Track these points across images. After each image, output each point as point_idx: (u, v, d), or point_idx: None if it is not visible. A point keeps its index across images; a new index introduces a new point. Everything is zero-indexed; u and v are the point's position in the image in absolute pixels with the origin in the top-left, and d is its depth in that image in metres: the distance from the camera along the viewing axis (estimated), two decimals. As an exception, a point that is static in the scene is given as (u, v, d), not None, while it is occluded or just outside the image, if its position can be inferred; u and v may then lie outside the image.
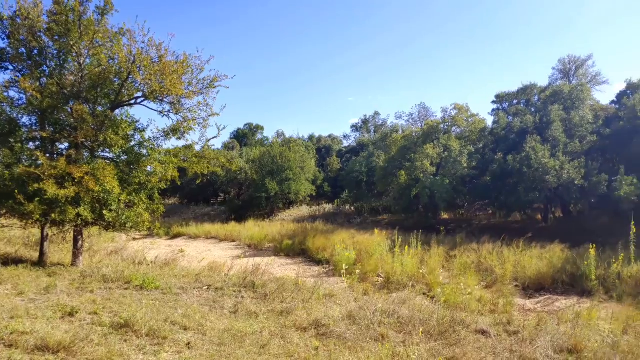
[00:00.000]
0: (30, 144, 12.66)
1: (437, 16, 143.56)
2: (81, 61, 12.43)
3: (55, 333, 6.26)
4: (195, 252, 20.77)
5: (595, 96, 41.34)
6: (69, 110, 12.33)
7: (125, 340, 6.48)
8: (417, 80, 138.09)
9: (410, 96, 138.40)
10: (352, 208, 38.16)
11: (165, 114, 13.37)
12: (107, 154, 13.47)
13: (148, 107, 13.41)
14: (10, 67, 12.57)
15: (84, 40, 12.01)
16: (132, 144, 13.37)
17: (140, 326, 6.85)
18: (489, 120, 33.62)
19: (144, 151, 13.40)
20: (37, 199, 10.92)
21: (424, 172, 28.09)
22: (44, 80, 12.52)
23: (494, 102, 36.88)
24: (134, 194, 12.95)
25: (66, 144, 12.89)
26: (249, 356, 6.23)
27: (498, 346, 7.00)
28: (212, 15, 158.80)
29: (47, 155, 12.18)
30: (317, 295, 9.92)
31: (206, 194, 47.41)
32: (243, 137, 64.98)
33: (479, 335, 7.63)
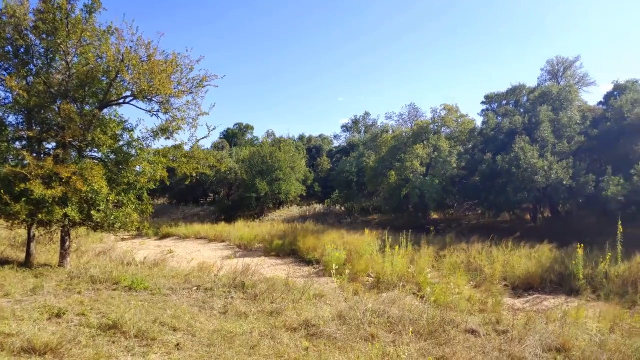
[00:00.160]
0: (17, 143, 12.50)
1: (427, 16, 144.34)
2: (69, 60, 12.29)
3: (42, 335, 6.18)
4: (184, 253, 20.65)
5: (583, 97, 41.87)
6: (57, 109, 12.19)
7: (113, 342, 6.42)
8: (407, 80, 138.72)
9: (401, 97, 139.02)
10: (343, 208, 38.18)
11: (154, 113, 13.26)
12: (96, 154, 13.34)
13: (137, 107, 13.30)
14: (-4, 66, 12.40)
15: (71, 38, 11.88)
16: (121, 143, 13.25)
17: (129, 327, 6.78)
18: (479, 121, 33.91)
19: (133, 151, 13.28)
20: (24, 199, 10.78)
21: (414, 173, 28.20)
22: (30, 79, 12.37)
23: (483, 103, 37.13)
24: (123, 194, 12.83)
25: (53, 144, 12.77)
26: (239, 357, 6.20)
27: (487, 345, 7.03)
28: (201, 15, 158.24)
29: (34, 155, 12.00)
30: (308, 296, 9.90)
31: (195, 194, 47.19)
32: (233, 137, 64.76)
33: (468, 334, 7.66)
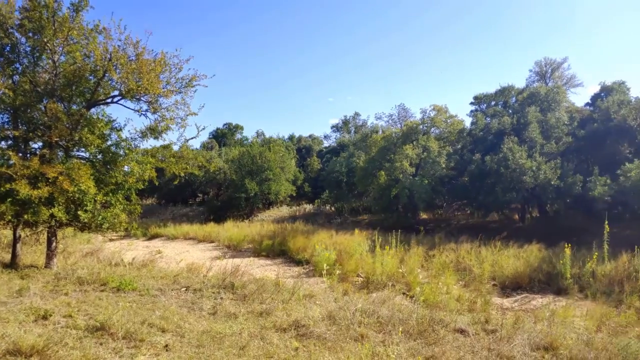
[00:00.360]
0: (2, 143, 12.32)
1: (415, 15, 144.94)
2: (55, 58, 12.15)
3: (27, 337, 6.09)
4: (173, 253, 20.52)
5: (571, 98, 42.47)
6: (43, 108, 12.04)
7: (100, 344, 6.35)
8: (397, 81, 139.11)
9: (390, 97, 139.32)
10: (333, 208, 38.23)
11: (143, 113, 13.15)
12: (83, 154, 13.19)
13: (125, 106, 13.18)
14: (-19, 64, 12.22)
15: (58, 37, 11.74)
16: (109, 143, 13.12)
17: (117, 329, 6.72)
18: (468, 122, 34.12)
19: (121, 151, 13.17)
20: (9, 199, 10.64)
21: (403, 173, 28.31)
22: (16, 77, 12.19)
23: (472, 104, 37.36)
24: (111, 194, 12.71)
25: (40, 143, 12.59)
26: (228, 357, 6.17)
27: (476, 345, 7.07)
28: (190, 14, 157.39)
29: (20, 154, 11.85)
30: (297, 296, 9.88)
31: (184, 195, 46.93)
32: (222, 137, 64.53)
33: (457, 334, 7.69)
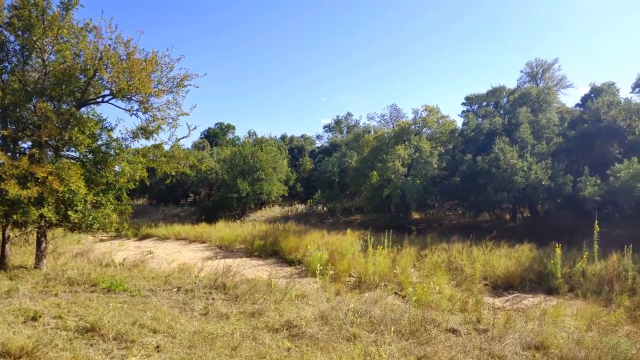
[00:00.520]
0: (-9, 142, 12.20)
1: (409, 17, 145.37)
2: (45, 57, 12.03)
3: (17, 338, 6.03)
4: (164, 254, 20.42)
5: (561, 99, 42.87)
6: (32, 107, 11.92)
7: (91, 345, 6.30)
8: (389, 81, 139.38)
9: (382, 97, 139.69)
10: (325, 208, 38.22)
11: (134, 112, 13.05)
12: (73, 153, 13.08)
13: (116, 106, 13.07)
14: (-31, 63, 12.08)
15: (47, 35, 11.63)
16: (99, 143, 13.03)
17: (107, 330, 6.66)
18: (459, 122, 34.32)
19: (112, 151, 13.07)
20: (-2, 199, 10.52)
21: (395, 173, 28.36)
22: (5, 76, 12.08)
23: (463, 104, 37.58)
24: (101, 194, 12.61)
25: (29, 143, 12.47)
26: (220, 358, 6.14)
27: (468, 344, 7.09)
28: (181, 14, 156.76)
29: (9, 154, 11.71)
30: (289, 296, 9.87)
31: (176, 195, 46.70)
32: (214, 137, 64.28)
33: (449, 333, 7.71)
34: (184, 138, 16.52)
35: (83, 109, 12.91)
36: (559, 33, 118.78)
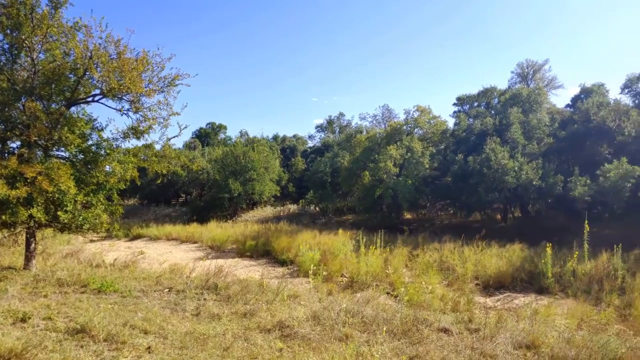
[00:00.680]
0: (-21, 142, 12.05)
1: (399, 17, 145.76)
2: (34, 56, 11.89)
3: (6, 340, 5.96)
4: (155, 254, 20.29)
5: (552, 100, 43.25)
6: (21, 107, 11.77)
7: (81, 346, 6.24)
8: (381, 81, 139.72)
9: (374, 97, 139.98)
10: (317, 208, 38.18)
11: (125, 112, 12.93)
12: (63, 153, 12.93)
13: (106, 105, 12.94)
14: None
15: (36, 34, 11.49)
16: (90, 143, 12.91)
17: (98, 331, 6.61)
18: (451, 122, 34.49)
19: (102, 151, 12.96)
20: (-14, 200, 10.38)
21: (387, 173, 28.41)
22: (-7, 75, 11.93)
23: (455, 105, 37.82)
24: (92, 194, 12.48)
25: (18, 143, 12.32)
26: (212, 359, 6.12)
27: (460, 344, 7.12)
28: (173, 14, 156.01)
29: (-3, 154, 11.61)
30: (282, 297, 9.85)
31: (167, 195, 46.44)
32: (205, 137, 64.05)
33: (441, 333, 7.74)
34: (174, 137, 16.31)
35: (73, 109, 12.78)
36: (549, 33, 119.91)
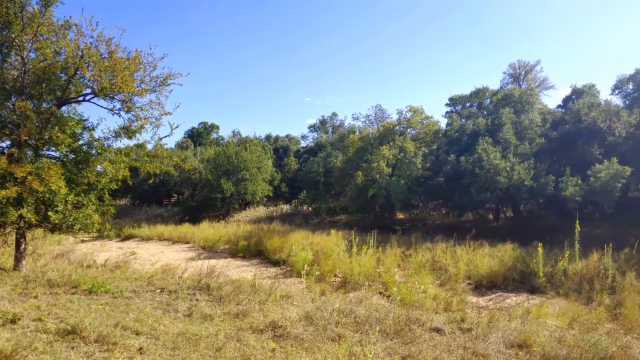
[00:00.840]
0: (-32, 141, 11.92)
1: (391, 18, 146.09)
2: (24, 55, 11.77)
3: (-6, 342, 5.90)
4: (147, 255, 20.19)
5: (543, 100, 43.56)
6: (11, 106, 11.65)
7: (72, 348, 6.18)
8: (373, 81, 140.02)
9: (367, 97, 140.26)
10: (310, 208, 38.17)
11: (116, 112, 12.84)
12: (53, 153, 12.83)
13: (97, 105, 12.85)
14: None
15: (27, 33, 11.38)
16: (81, 142, 12.81)
17: (89, 332, 6.55)
18: (443, 123, 34.61)
19: (93, 150, 12.87)
20: (-25, 200, 10.27)
21: (380, 173, 28.46)
22: (-18, 74, 11.80)
23: (447, 105, 37.96)
24: (83, 194, 12.39)
25: (8, 142, 12.20)
26: (204, 360, 6.09)
27: (452, 343, 7.14)
28: (166, 13, 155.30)
29: (-13, 153, 11.48)
30: (274, 297, 9.82)
31: (159, 195, 46.24)
32: (197, 136, 63.86)
33: (433, 333, 7.75)
34: (166, 137, 16.22)
35: (64, 108, 12.66)
36: (541, 34, 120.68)
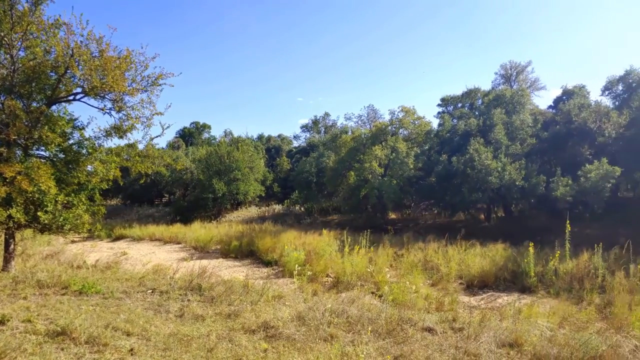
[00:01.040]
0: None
1: (383, 18, 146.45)
2: (14, 54, 11.65)
3: (-18, 344, 5.83)
4: (138, 255, 20.06)
5: (535, 101, 43.85)
6: (0, 105, 11.55)
7: (62, 349, 6.13)
8: (366, 81, 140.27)
9: (360, 97, 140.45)
10: (302, 208, 38.13)
11: (107, 111, 12.75)
12: (43, 153, 12.71)
13: (88, 104, 12.75)
14: None
15: (16, 31, 11.26)
16: (71, 142, 12.71)
17: (79, 333, 6.49)
18: (435, 123, 34.72)
19: (84, 150, 12.77)
20: (-36, 200, 10.16)
21: (372, 173, 28.50)
22: (-29, 73, 11.67)
23: (439, 105, 38.04)
24: (73, 194, 12.30)
25: (-3, 142, 12.09)
26: (196, 361, 6.06)
27: (444, 343, 7.16)
28: (158, 15, 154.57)
29: (-25, 153, 11.35)
30: (266, 297, 9.80)
31: (150, 195, 45.99)
32: (189, 136, 63.63)
33: (425, 332, 7.77)
34: (157, 137, 16.15)
35: (54, 107, 12.55)
36: (532, 35, 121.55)
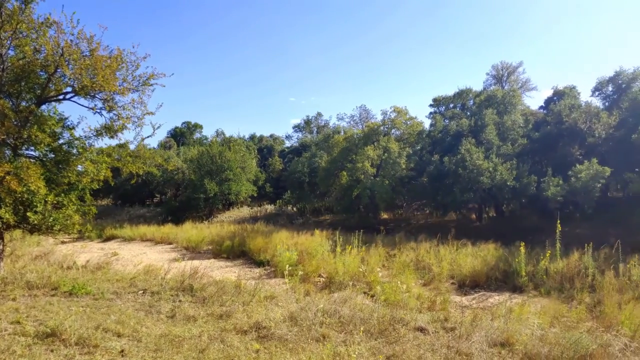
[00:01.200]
0: (-56, 140, 11.62)
1: (375, 19, 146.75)
2: (3, 52, 11.53)
3: (-30, 346, 5.76)
4: (129, 255, 19.92)
5: (526, 101, 44.16)
6: (-11, 104, 11.43)
7: (51, 350, 6.07)
8: (358, 82, 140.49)
9: (352, 98, 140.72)
10: (295, 209, 38.11)
11: (97, 111, 12.64)
12: (32, 152, 12.58)
13: (78, 103, 12.64)
14: None
15: (5, 30, 11.15)
16: (61, 142, 12.59)
17: (69, 335, 6.44)
18: (427, 123, 34.89)
19: (74, 150, 12.66)
20: (-49, 200, 10.04)
21: (364, 173, 28.56)
22: (-40, 72, 11.54)
23: (431, 106, 38.21)
24: (63, 194, 12.18)
25: (-15, 141, 11.95)
26: (187, 362, 6.02)
27: (436, 342, 7.18)
28: (152, 14, 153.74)
29: (-37, 153, 11.22)
30: (258, 298, 9.77)
31: (141, 195, 45.74)
32: (181, 136, 63.37)
33: (417, 332, 7.78)
34: (148, 137, 16.11)
35: (43, 107, 12.43)
36: (523, 36, 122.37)
